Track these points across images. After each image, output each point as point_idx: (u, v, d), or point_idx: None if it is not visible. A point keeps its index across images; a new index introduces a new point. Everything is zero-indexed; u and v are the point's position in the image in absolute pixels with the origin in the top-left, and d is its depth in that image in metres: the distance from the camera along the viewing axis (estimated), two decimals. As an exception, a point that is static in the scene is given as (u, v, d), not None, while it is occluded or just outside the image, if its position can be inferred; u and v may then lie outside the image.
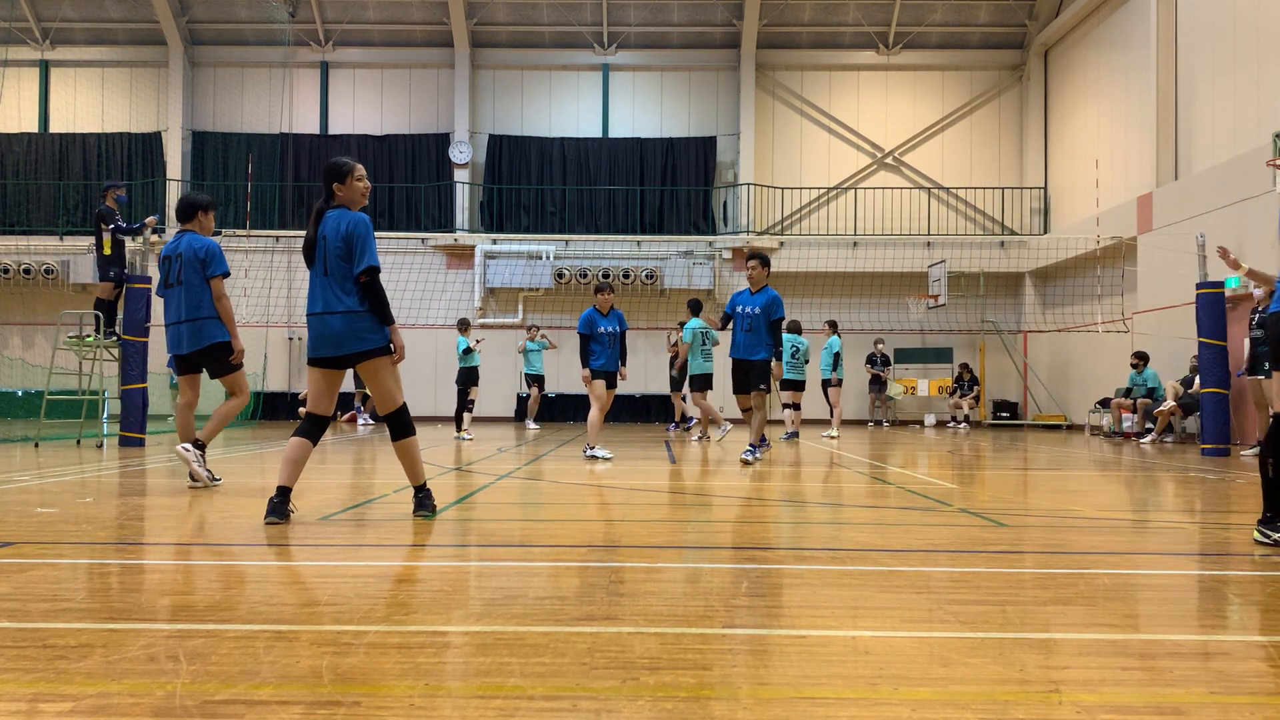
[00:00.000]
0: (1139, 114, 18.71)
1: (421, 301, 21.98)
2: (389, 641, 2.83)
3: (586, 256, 23.44)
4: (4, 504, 6.08)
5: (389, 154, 24.41)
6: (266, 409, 21.94)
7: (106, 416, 14.65)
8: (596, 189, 24.14)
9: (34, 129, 24.68)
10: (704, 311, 15.07)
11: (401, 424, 5.52)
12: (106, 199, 11.99)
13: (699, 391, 14.76)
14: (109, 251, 11.82)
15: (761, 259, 9.81)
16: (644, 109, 24.84)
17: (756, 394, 9.72)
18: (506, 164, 24.29)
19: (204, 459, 7.00)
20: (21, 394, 21.13)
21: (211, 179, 23.99)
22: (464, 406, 15.61)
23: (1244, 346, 13.00)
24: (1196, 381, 14.02)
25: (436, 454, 11.04)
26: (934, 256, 22.63)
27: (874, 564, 4.20)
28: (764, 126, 24.49)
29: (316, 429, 5.45)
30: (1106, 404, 18.16)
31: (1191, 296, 13.01)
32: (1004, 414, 23.00)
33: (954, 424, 21.91)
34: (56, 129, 24.74)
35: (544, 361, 19.42)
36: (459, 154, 24.09)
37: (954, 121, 24.47)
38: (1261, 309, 12.10)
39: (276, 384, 23.23)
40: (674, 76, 24.85)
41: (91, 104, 24.70)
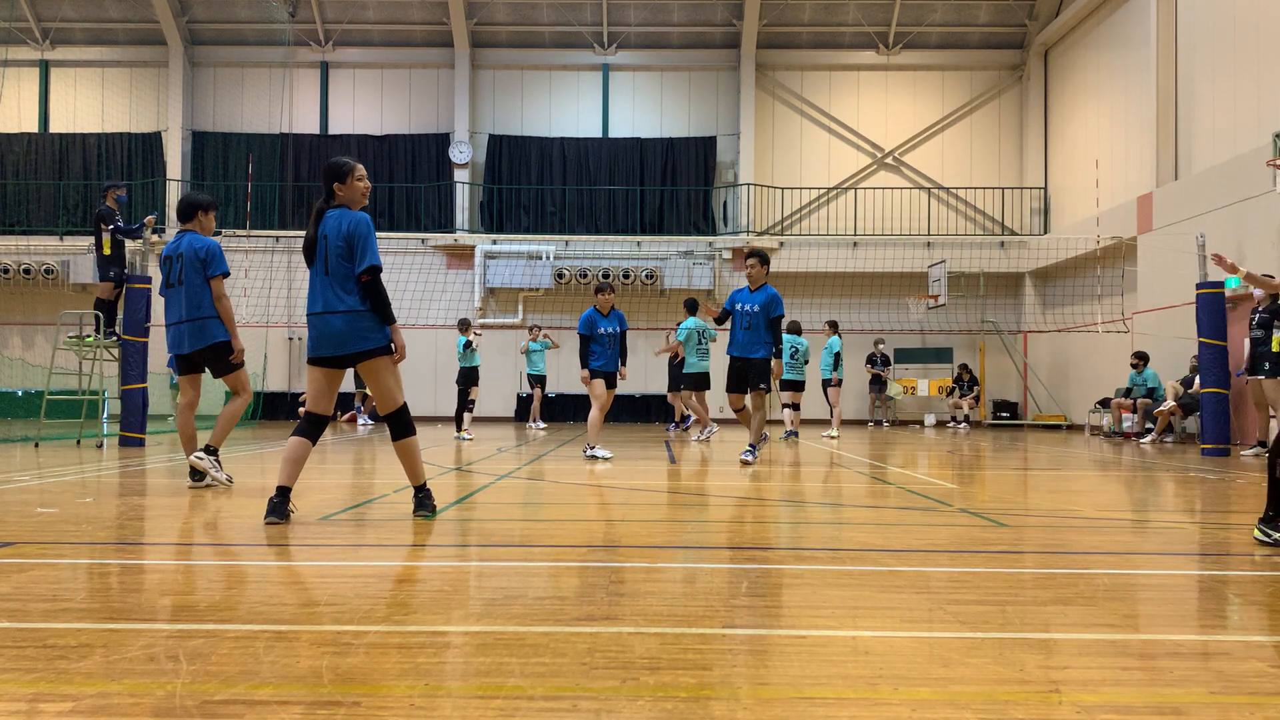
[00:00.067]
0: (1139, 114, 18.71)
1: (421, 302, 21.99)
2: (389, 641, 2.83)
3: (586, 256, 23.44)
4: (4, 504, 6.08)
5: (389, 154, 24.41)
6: (266, 409, 21.95)
7: (106, 416, 14.65)
8: (596, 189, 24.13)
9: (34, 129, 24.68)
10: (700, 310, 15.07)
11: (402, 424, 5.52)
12: (107, 199, 12.00)
13: (691, 390, 14.85)
14: (109, 251, 11.83)
15: (760, 257, 9.73)
16: (644, 109, 24.84)
17: (756, 394, 9.70)
18: (506, 164, 24.29)
19: (219, 463, 7.09)
20: (21, 394, 21.14)
21: (211, 179, 23.99)
22: (464, 406, 15.61)
23: (1244, 346, 13.00)
24: (1196, 381, 14.02)
25: (437, 454, 11.04)
26: (934, 256, 22.63)
27: (874, 564, 4.20)
28: (764, 126, 24.49)
29: (316, 428, 5.45)
30: (1106, 404, 18.16)
31: (1191, 296, 13.00)
32: (1004, 414, 23.00)
33: (954, 424, 21.91)
34: (56, 129, 24.74)
35: (546, 362, 19.41)
36: (459, 154, 24.09)
37: (954, 121, 24.47)
38: (1261, 309, 12.12)
39: (276, 384, 23.23)
40: (674, 76, 24.85)
41: (91, 104, 24.70)
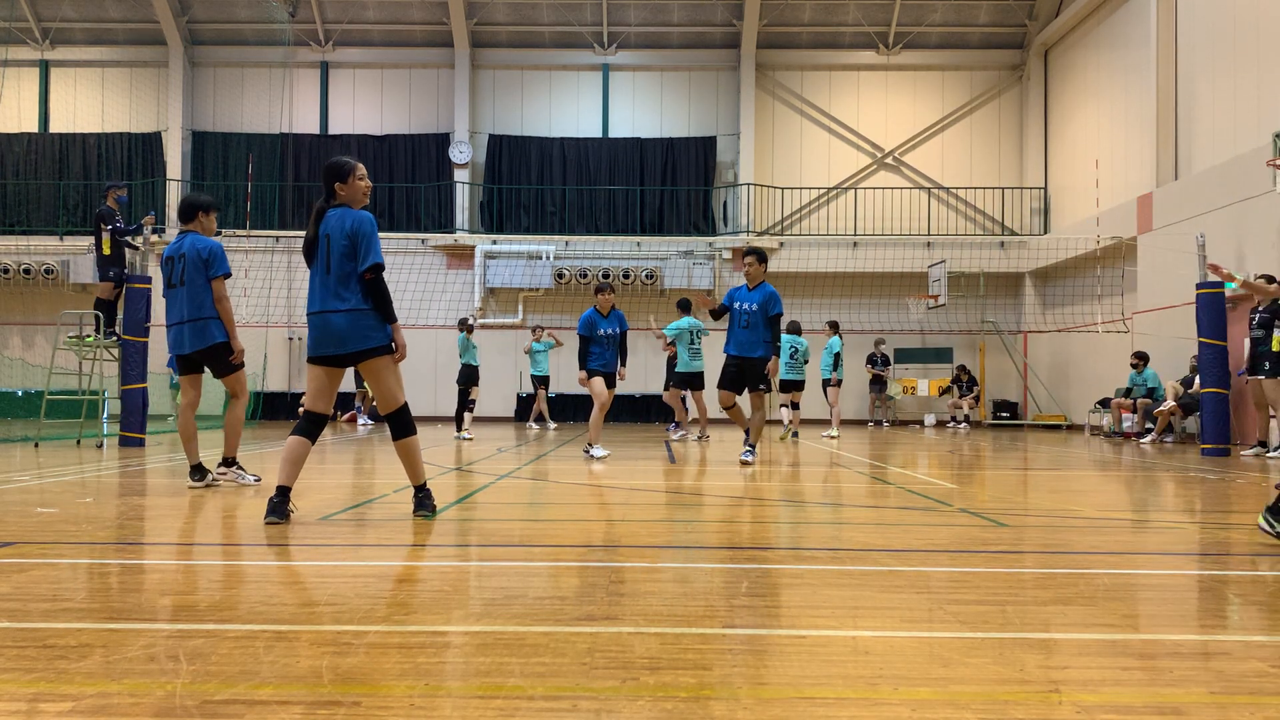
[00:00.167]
0: (1139, 114, 18.71)
1: (421, 302, 21.99)
2: (389, 641, 2.83)
3: (586, 256, 23.44)
4: (4, 504, 6.08)
5: (389, 154, 24.41)
6: (266, 409, 21.94)
7: (106, 416, 14.65)
8: (596, 189, 24.13)
9: (34, 129, 24.68)
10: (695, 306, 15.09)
11: (402, 423, 5.52)
12: (107, 199, 12.00)
13: (677, 388, 14.92)
14: (109, 251, 11.83)
15: (758, 255, 9.60)
16: (644, 109, 24.84)
17: (756, 395, 9.68)
18: (506, 164, 24.28)
19: (240, 469, 7.33)
20: (21, 394, 21.13)
21: (211, 179, 23.99)
22: (464, 406, 15.60)
23: (1244, 346, 12.99)
24: (1196, 381, 14.02)
25: (437, 454, 11.04)
26: (934, 256, 22.63)
27: (874, 564, 4.20)
28: (764, 126, 24.49)
29: (315, 428, 5.45)
30: (1106, 404, 18.16)
31: (1191, 296, 13.00)
32: (1004, 414, 23.00)
33: (954, 424, 21.91)
34: (56, 129, 24.74)
35: (549, 362, 19.36)
36: (459, 154, 24.09)
37: (954, 121, 24.47)
38: (1262, 308, 12.12)
39: (276, 384, 23.23)
40: (674, 76, 24.85)
41: (91, 104, 24.71)
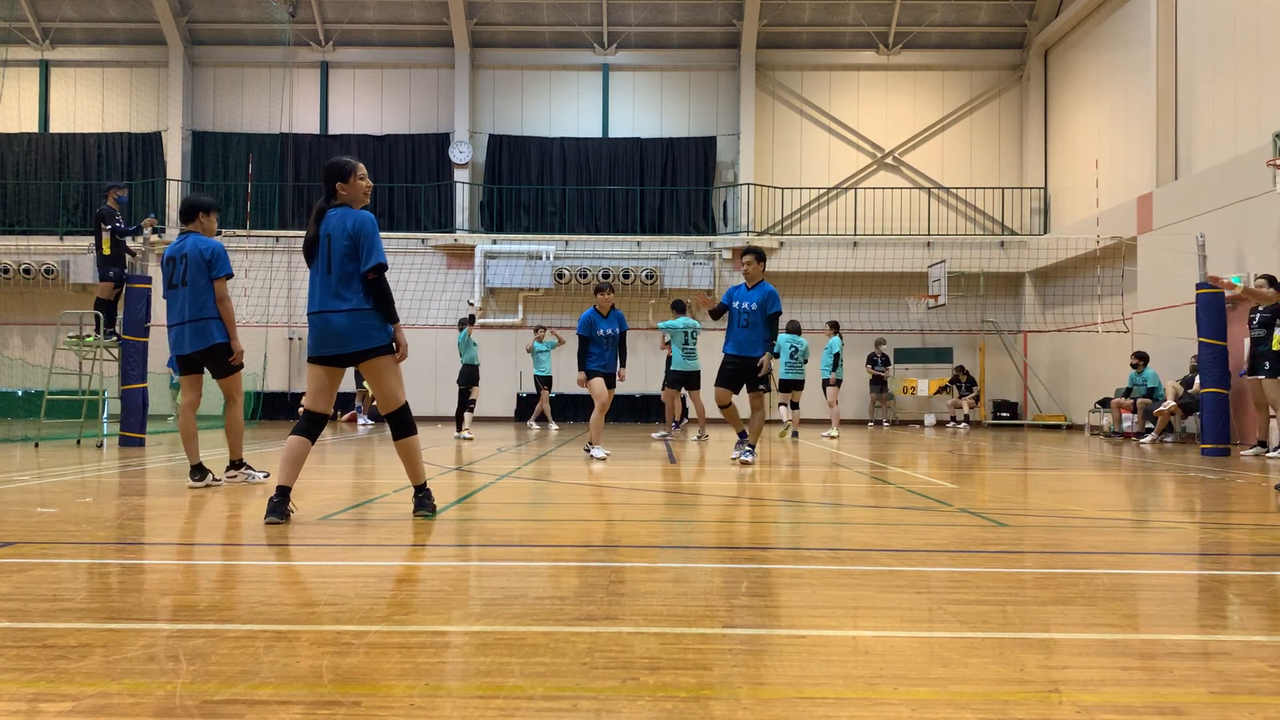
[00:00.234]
0: (1139, 114, 18.71)
1: (421, 301, 21.99)
2: (389, 641, 2.83)
3: (586, 256, 23.44)
4: (4, 504, 6.08)
5: (389, 154, 24.41)
6: (266, 409, 21.94)
7: (106, 416, 14.65)
8: (596, 189, 24.13)
9: (34, 129, 24.68)
10: (695, 305, 15.11)
11: (403, 423, 5.51)
12: (108, 199, 12.00)
13: (670, 388, 14.98)
14: (109, 251, 11.82)
15: (757, 254, 9.54)
16: (644, 109, 24.84)
17: (755, 394, 9.66)
18: (506, 164, 24.28)
19: (249, 468, 7.46)
20: (21, 394, 21.13)
21: (211, 179, 23.99)
22: (465, 406, 15.59)
23: (1244, 346, 12.99)
24: (1196, 381, 14.02)
25: (437, 454, 11.04)
26: (934, 256, 22.63)
27: (874, 564, 4.20)
28: (764, 126, 24.49)
29: (315, 427, 5.45)
30: (1106, 404, 18.16)
31: (1191, 296, 13.00)
32: (1004, 414, 23.00)
33: (954, 424, 21.91)
34: (56, 129, 24.74)
35: (552, 362, 19.29)
36: (459, 154, 24.09)
37: (954, 121, 24.47)
38: (1262, 308, 12.11)
39: (276, 384, 23.23)
40: (674, 76, 24.85)
41: (91, 104, 24.71)
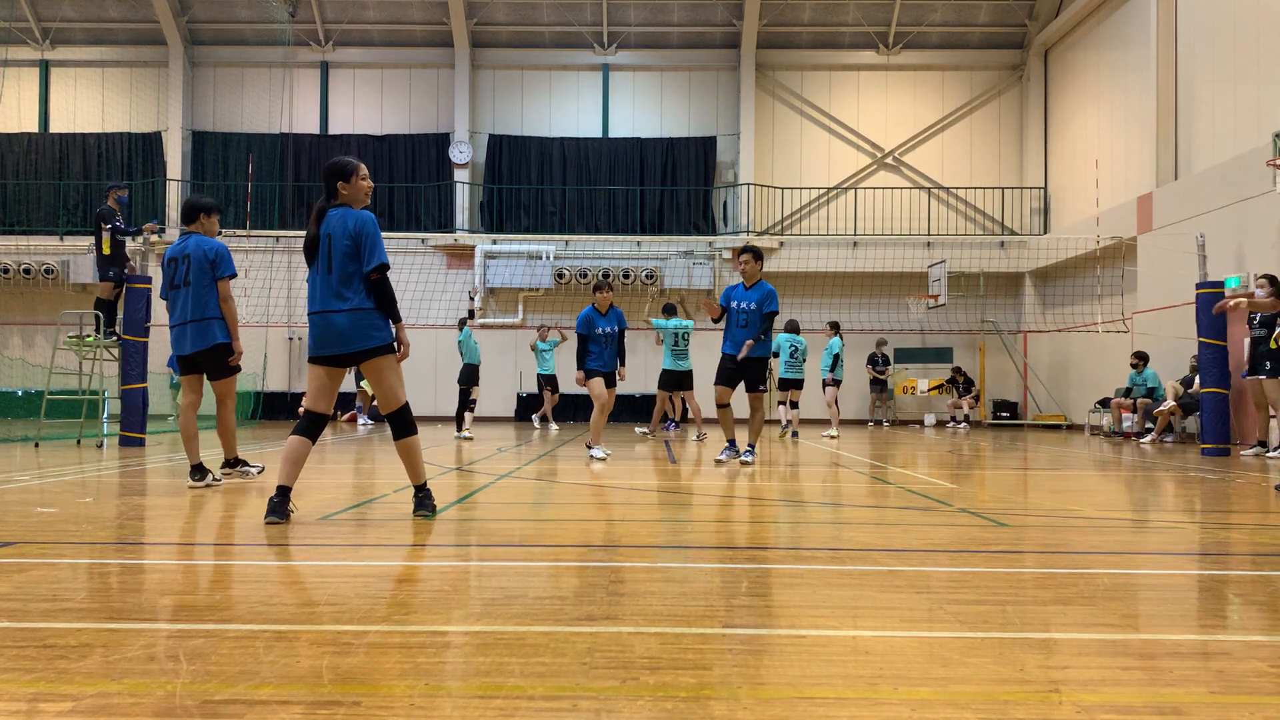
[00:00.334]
0: (1139, 114, 18.71)
1: (421, 301, 21.99)
2: (389, 641, 2.83)
3: (586, 256, 23.44)
4: (4, 504, 6.08)
5: (389, 154, 24.40)
6: (266, 409, 21.95)
7: (106, 416, 14.65)
8: (596, 189, 24.13)
9: (34, 129, 24.68)
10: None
11: (403, 422, 5.51)
12: (108, 199, 12.00)
13: (663, 390, 15.02)
14: (109, 251, 11.82)
15: (754, 253, 9.50)
16: (644, 109, 24.84)
17: (754, 395, 9.66)
18: (506, 164, 24.28)
19: (245, 464, 7.58)
20: (21, 394, 21.14)
21: (211, 179, 23.99)
22: (465, 406, 15.58)
23: (1244, 347, 12.99)
24: (1196, 381, 14.02)
25: (437, 454, 11.04)
26: (934, 256, 22.63)
27: (874, 564, 4.20)
28: (764, 126, 24.49)
29: (315, 427, 5.45)
30: (1106, 404, 18.16)
31: (1191, 296, 13.00)
32: (1004, 414, 22.99)
33: (954, 424, 21.91)
34: (56, 129, 24.74)
35: (555, 361, 19.22)
36: (459, 154, 24.08)
37: (954, 121, 24.47)
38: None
39: (276, 384, 23.23)
40: (674, 76, 24.85)
41: (91, 104, 24.70)
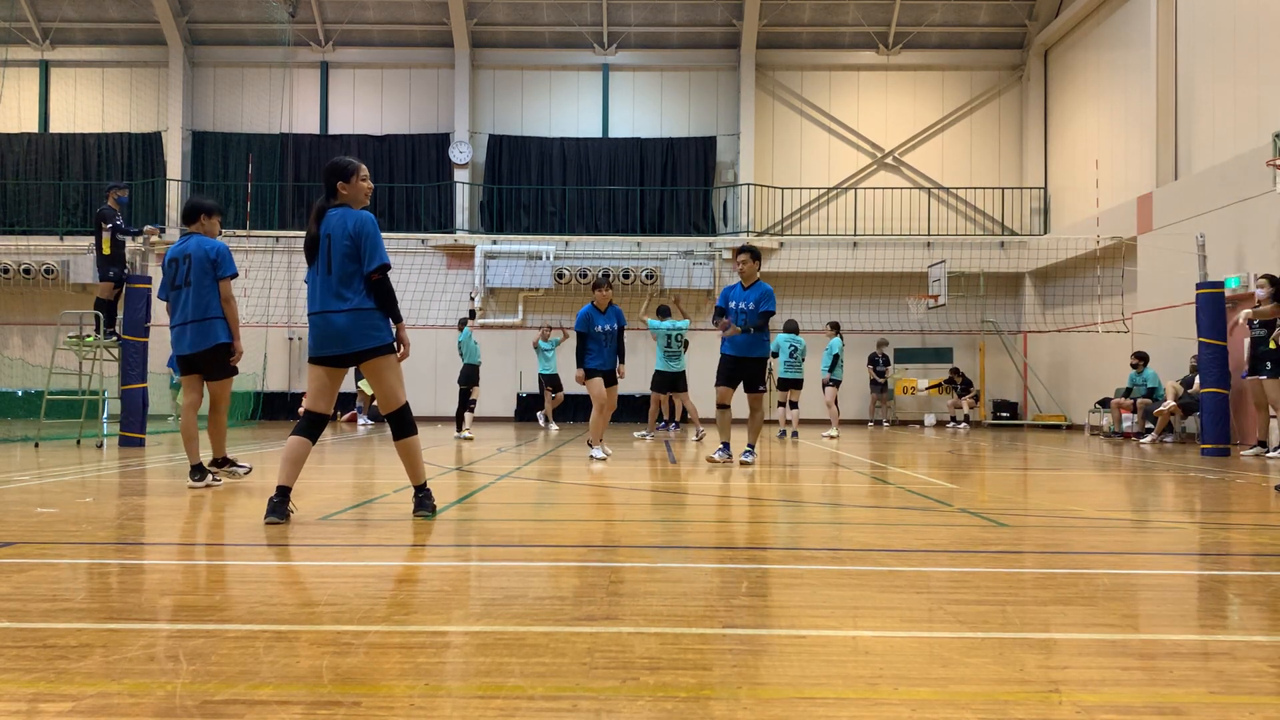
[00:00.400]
0: (1139, 114, 18.71)
1: (421, 302, 21.98)
2: (389, 641, 2.83)
3: (586, 257, 23.44)
4: (4, 504, 6.07)
5: (389, 154, 24.40)
6: (266, 409, 21.94)
7: (106, 416, 14.65)
8: (596, 189, 24.13)
9: (34, 129, 24.68)
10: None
11: (403, 423, 5.51)
12: (108, 199, 11.99)
13: (655, 391, 15.07)
14: (109, 251, 11.82)
15: (752, 253, 9.43)
16: (644, 109, 24.84)
17: (754, 395, 9.65)
18: (506, 164, 24.28)
19: (233, 464, 7.53)
20: (21, 394, 21.13)
21: (211, 179, 23.99)
22: (465, 406, 15.58)
23: (1244, 347, 12.99)
24: (1196, 381, 14.02)
25: (437, 454, 11.04)
26: (934, 256, 22.63)
27: (874, 564, 4.19)
28: (764, 126, 24.48)
29: (315, 428, 5.45)
30: (1106, 404, 18.16)
31: (1191, 296, 13.00)
32: (1004, 414, 22.99)
33: (954, 424, 21.91)
34: (56, 129, 24.74)
35: (558, 361, 19.17)
36: (459, 154, 24.08)
37: (954, 121, 24.47)
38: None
39: (276, 384, 23.23)
40: (674, 76, 24.85)
41: (91, 104, 24.70)
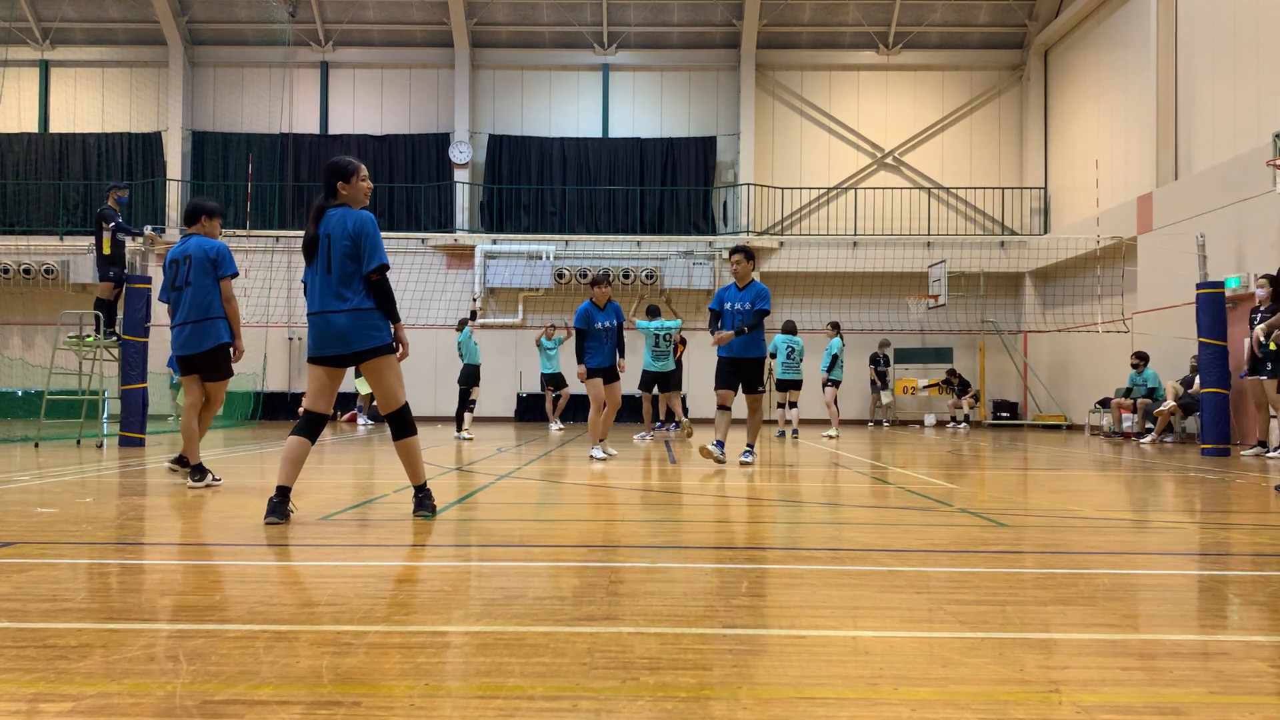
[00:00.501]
0: (1139, 114, 18.71)
1: (421, 302, 21.98)
2: (389, 641, 2.83)
3: (586, 256, 23.44)
4: (4, 504, 6.07)
5: (389, 154, 24.40)
6: (266, 409, 21.94)
7: (106, 416, 14.65)
8: (596, 189, 24.13)
9: (34, 129, 24.68)
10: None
11: (403, 423, 5.51)
12: (108, 199, 12.00)
13: (647, 391, 15.09)
14: (109, 251, 11.82)
15: (746, 253, 9.35)
16: (644, 109, 24.83)
17: (753, 396, 9.63)
18: (506, 164, 24.28)
19: (203, 470, 7.08)
20: (21, 394, 21.13)
21: (211, 179, 23.99)
22: (465, 406, 15.57)
23: (1244, 347, 12.99)
24: (1196, 381, 14.01)
25: (437, 454, 11.04)
26: (934, 256, 22.63)
27: (874, 564, 4.19)
28: (764, 126, 24.48)
29: (315, 428, 5.45)
30: (1106, 404, 18.16)
31: (1191, 296, 13.00)
32: (1004, 414, 22.99)
33: (954, 424, 21.91)
34: (56, 129, 24.74)
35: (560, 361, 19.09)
36: (459, 154, 24.08)
37: (954, 121, 24.47)
38: (1263, 308, 12.11)
39: (276, 384, 23.23)
40: (674, 76, 24.84)
41: (91, 104, 24.70)
